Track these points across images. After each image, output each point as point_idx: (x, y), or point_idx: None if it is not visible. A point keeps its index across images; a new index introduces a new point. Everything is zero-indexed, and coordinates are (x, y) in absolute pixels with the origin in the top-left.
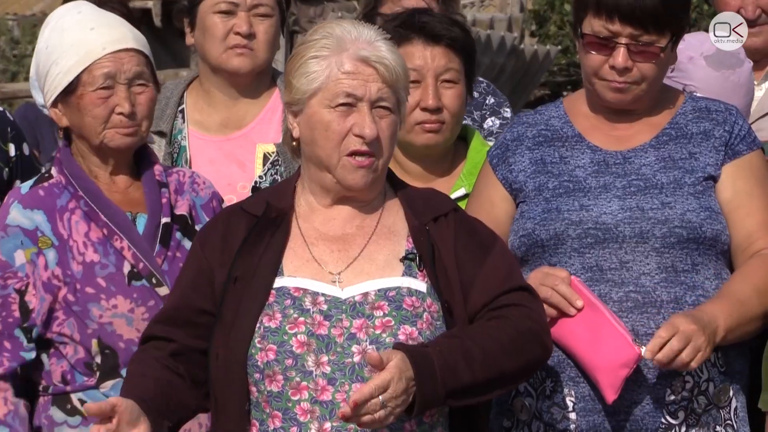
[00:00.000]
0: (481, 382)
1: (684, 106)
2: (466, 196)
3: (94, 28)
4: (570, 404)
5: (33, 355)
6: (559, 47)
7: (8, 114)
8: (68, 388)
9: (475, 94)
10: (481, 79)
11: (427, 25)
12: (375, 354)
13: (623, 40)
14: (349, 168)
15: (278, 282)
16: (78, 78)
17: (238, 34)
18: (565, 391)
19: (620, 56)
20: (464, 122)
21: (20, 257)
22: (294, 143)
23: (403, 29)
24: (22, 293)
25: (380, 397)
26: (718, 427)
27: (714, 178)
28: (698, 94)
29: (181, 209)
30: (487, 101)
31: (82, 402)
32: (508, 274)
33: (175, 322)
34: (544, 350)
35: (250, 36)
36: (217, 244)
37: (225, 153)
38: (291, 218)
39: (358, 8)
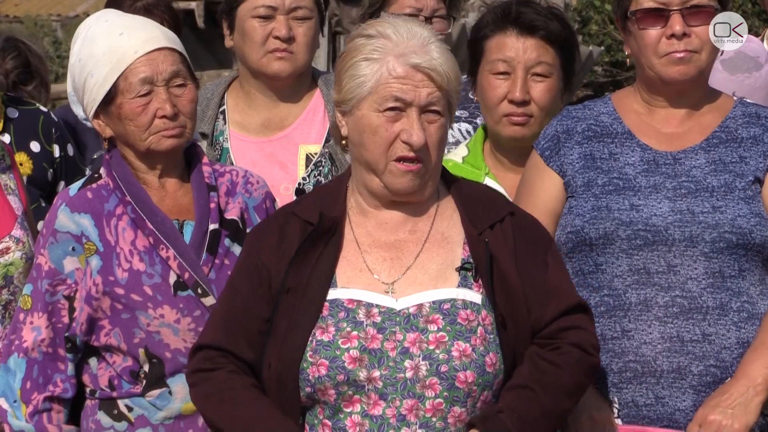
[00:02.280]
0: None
1: (734, 110)
2: None
3: (123, 33)
4: (615, 411)
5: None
6: (602, 47)
7: (53, 115)
8: (114, 393)
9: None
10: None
11: (522, 15)
12: None
13: (675, 7)
14: (396, 173)
15: (332, 294)
16: (115, 86)
17: (277, 38)
18: (609, 397)
19: (676, 22)
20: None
21: (69, 264)
22: (343, 141)
23: (499, 19)
24: (71, 299)
25: None
26: None
27: (760, 181)
28: (748, 100)
29: (232, 213)
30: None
31: (129, 408)
32: (568, 286)
33: (240, 334)
34: (594, 378)
35: (290, 39)
36: (274, 251)
37: (266, 154)
38: (344, 224)
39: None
